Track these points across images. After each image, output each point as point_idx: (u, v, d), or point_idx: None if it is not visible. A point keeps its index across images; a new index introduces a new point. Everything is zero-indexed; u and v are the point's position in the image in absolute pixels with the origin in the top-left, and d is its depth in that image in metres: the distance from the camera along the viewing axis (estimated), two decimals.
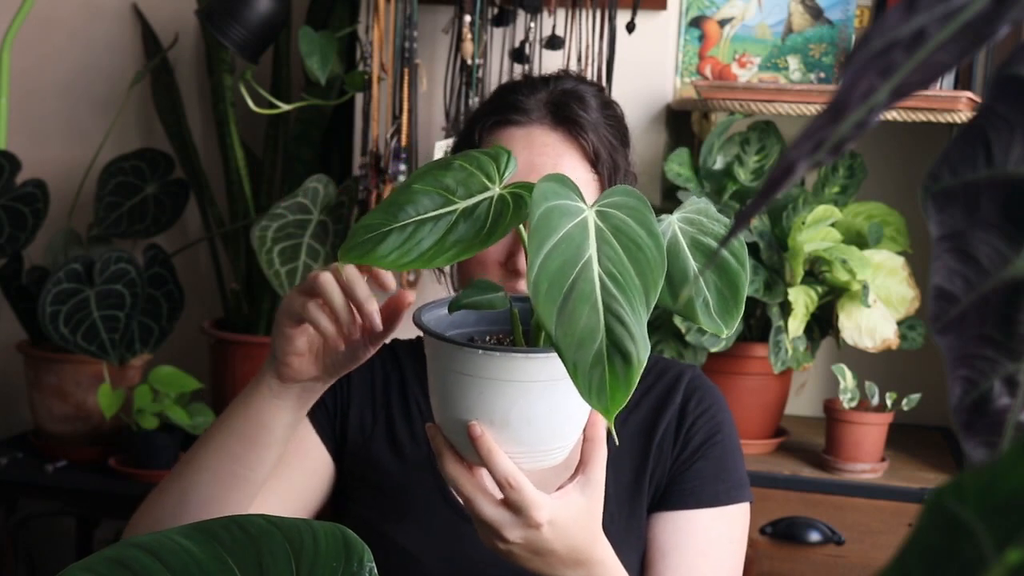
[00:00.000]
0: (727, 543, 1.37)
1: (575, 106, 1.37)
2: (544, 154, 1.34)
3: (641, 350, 0.87)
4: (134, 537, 0.93)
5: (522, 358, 1.01)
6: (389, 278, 1.18)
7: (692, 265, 1.00)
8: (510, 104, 1.38)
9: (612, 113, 1.42)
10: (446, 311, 1.07)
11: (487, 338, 1.10)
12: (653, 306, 0.89)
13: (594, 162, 1.36)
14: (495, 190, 1.00)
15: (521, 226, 1.00)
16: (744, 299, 1.01)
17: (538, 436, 1.05)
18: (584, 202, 0.94)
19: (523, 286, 1.29)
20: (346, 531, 0.98)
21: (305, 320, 1.15)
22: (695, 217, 1.03)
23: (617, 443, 1.29)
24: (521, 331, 1.06)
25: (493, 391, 1.02)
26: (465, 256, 0.98)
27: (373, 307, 1.14)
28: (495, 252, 1.33)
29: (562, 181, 0.94)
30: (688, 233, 1.02)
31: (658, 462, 1.39)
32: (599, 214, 0.93)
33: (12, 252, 2.42)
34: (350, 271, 1.13)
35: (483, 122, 1.39)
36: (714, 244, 1.01)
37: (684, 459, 1.38)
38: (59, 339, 2.30)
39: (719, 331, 1.00)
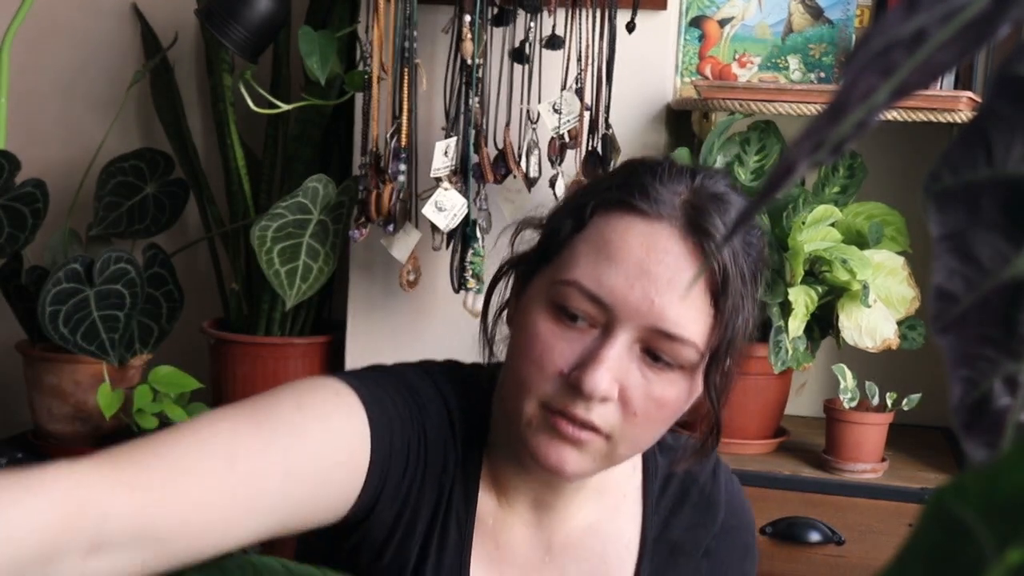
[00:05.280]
0: None
1: (717, 216, 1.08)
2: (663, 263, 1.07)
3: None
4: None
5: None
6: None
7: None
8: (641, 187, 1.10)
9: (753, 240, 1.14)
10: None
11: None
12: None
13: (717, 292, 1.08)
14: None
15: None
16: None
17: None
18: None
19: (580, 411, 1.06)
20: None
21: None
22: None
23: None
24: None
25: None
26: None
27: None
28: (565, 355, 1.08)
29: None
30: None
31: None
32: None
33: (11, 252, 2.42)
34: None
35: (602, 196, 1.12)
36: None
37: None
38: (59, 339, 2.30)
39: None
